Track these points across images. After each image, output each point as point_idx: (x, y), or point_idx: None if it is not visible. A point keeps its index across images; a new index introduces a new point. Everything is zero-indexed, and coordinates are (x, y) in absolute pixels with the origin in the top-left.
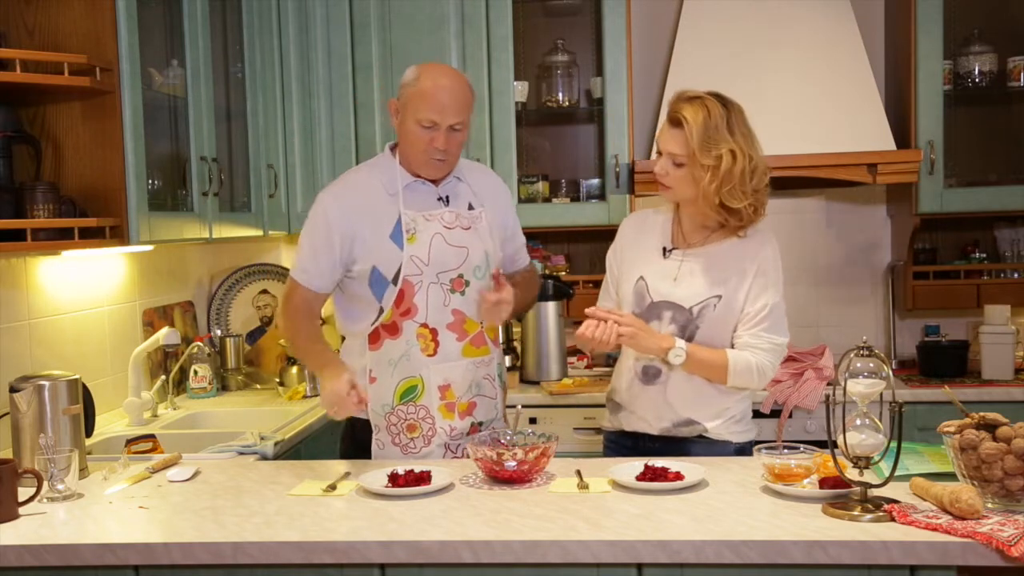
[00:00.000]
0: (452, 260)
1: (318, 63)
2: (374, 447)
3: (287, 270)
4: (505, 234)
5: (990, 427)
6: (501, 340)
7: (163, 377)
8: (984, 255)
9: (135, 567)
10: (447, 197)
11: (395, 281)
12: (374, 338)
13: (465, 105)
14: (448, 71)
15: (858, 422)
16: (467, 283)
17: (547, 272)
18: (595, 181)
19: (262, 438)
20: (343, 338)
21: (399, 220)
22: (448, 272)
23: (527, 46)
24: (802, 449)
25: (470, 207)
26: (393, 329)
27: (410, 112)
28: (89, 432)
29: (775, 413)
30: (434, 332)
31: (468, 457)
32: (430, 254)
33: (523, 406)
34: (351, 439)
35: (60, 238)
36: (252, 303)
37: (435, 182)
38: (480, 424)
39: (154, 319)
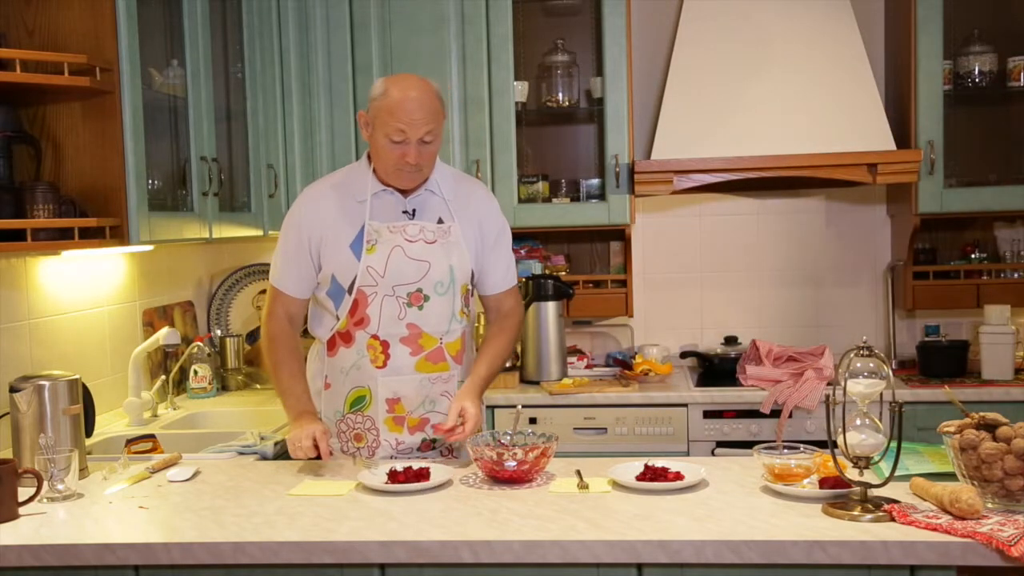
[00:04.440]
0: (411, 274)
1: (318, 64)
2: None
3: None
4: (478, 252)
5: (990, 427)
6: (474, 355)
7: (163, 377)
8: (984, 255)
9: (135, 567)
10: (414, 210)
11: (350, 290)
12: (331, 345)
13: (434, 115)
14: (416, 83)
15: (858, 422)
16: (426, 298)
17: (547, 272)
18: (595, 181)
19: (262, 438)
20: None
21: (363, 229)
22: (405, 286)
23: (527, 46)
24: (802, 449)
25: (440, 221)
26: (347, 338)
27: (380, 127)
28: (89, 432)
29: (775, 413)
30: (385, 344)
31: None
32: (387, 266)
33: (523, 406)
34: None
35: (60, 238)
36: (252, 303)
37: (404, 194)
38: (434, 441)
39: (154, 319)
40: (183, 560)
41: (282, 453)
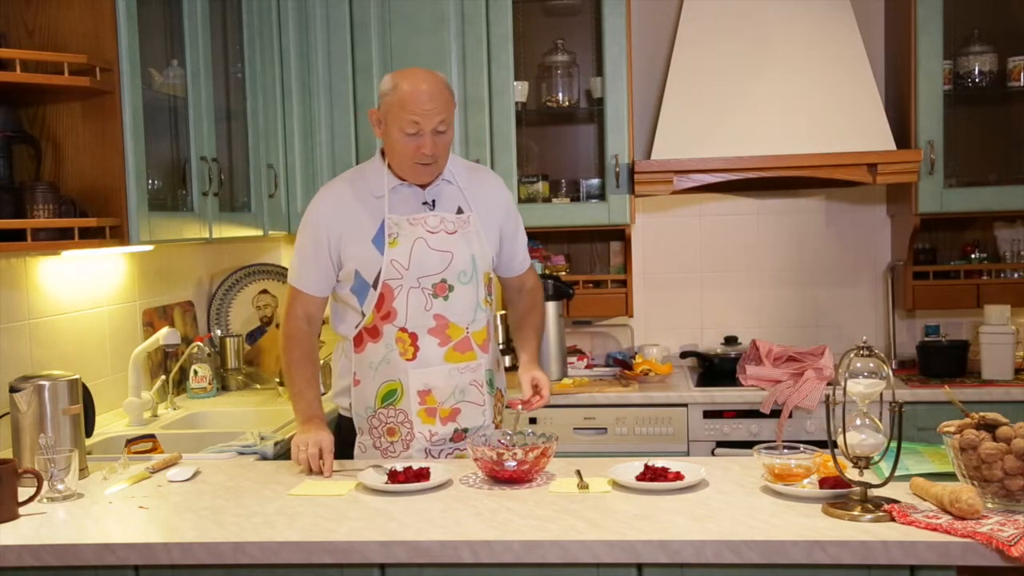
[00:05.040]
0: (434, 265)
1: (318, 64)
2: (357, 449)
3: (287, 270)
4: (501, 240)
5: (990, 427)
6: (498, 344)
7: (163, 377)
8: (984, 255)
9: (135, 567)
10: (433, 201)
11: (375, 285)
12: (358, 341)
13: (446, 105)
14: (424, 75)
15: (858, 422)
16: (451, 288)
17: (547, 272)
18: (595, 181)
19: (262, 438)
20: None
21: (383, 224)
22: (430, 277)
23: (527, 46)
24: (802, 449)
25: (459, 211)
26: (374, 333)
27: (393, 121)
28: (89, 432)
29: (775, 413)
30: (413, 337)
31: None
32: (411, 258)
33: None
34: (337, 438)
35: (60, 238)
36: (252, 303)
37: (422, 186)
38: (465, 431)
39: (154, 319)
40: (183, 560)
41: (282, 453)
